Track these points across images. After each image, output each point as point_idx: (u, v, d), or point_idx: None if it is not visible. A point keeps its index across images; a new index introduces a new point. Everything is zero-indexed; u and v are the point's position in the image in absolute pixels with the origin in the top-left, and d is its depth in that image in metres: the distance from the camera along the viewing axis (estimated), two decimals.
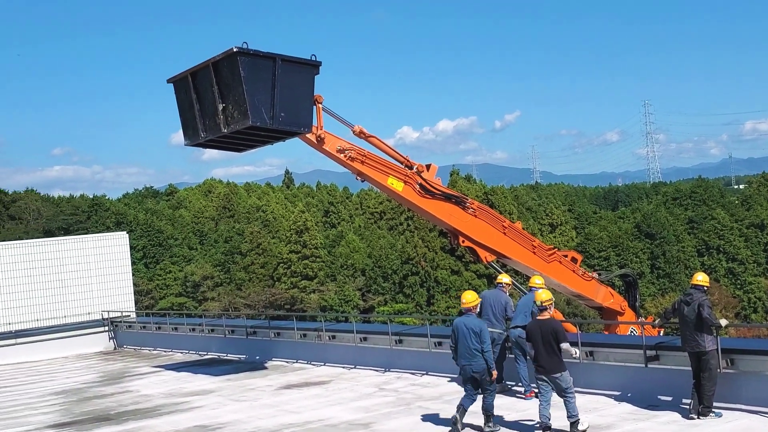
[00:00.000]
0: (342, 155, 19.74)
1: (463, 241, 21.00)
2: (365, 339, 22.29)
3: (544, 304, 13.79)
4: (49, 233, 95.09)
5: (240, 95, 17.56)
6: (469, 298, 14.36)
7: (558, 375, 13.29)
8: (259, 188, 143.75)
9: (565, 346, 13.33)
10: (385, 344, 21.41)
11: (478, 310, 14.60)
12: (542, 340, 13.39)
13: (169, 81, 19.56)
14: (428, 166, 20.71)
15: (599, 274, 24.18)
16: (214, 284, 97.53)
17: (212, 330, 28.38)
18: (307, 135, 19.32)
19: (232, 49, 17.40)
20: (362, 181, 20.71)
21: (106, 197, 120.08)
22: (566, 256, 23.28)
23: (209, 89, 18.23)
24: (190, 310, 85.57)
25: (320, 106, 19.40)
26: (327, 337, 23.46)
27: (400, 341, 21.14)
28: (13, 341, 31.56)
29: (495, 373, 14.00)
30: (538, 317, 13.90)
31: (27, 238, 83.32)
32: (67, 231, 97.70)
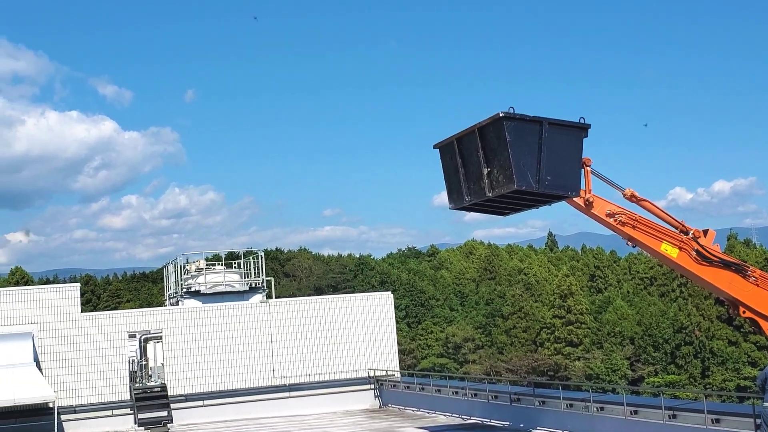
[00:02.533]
0: (611, 219, 19.10)
1: (743, 312, 19.52)
2: (635, 412, 21.21)
3: None
4: (319, 290, 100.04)
5: (505, 159, 17.50)
6: None
7: None
8: (521, 250, 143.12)
9: None
10: (657, 419, 20.24)
11: None
12: None
13: (435, 147, 19.95)
14: (705, 232, 19.54)
15: None
16: (475, 346, 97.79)
17: (475, 394, 28.23)
18: (575, 199, 18.89)
19: (498, 114, 17.43)
20: (633, 246, 19.92)
21: (371, 257, 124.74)
22: None
23: (474, 154, 18.35)
24: (452, 372, 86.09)
25: (588, 168, 18.93)
26: (595, 409, 22.57)
27: (674, 416, 19.90)
28: (286, 394, 33.17)
29: None
30: None
31: (300, 295, 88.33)
32: (335, 288, 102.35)
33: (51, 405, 28.48)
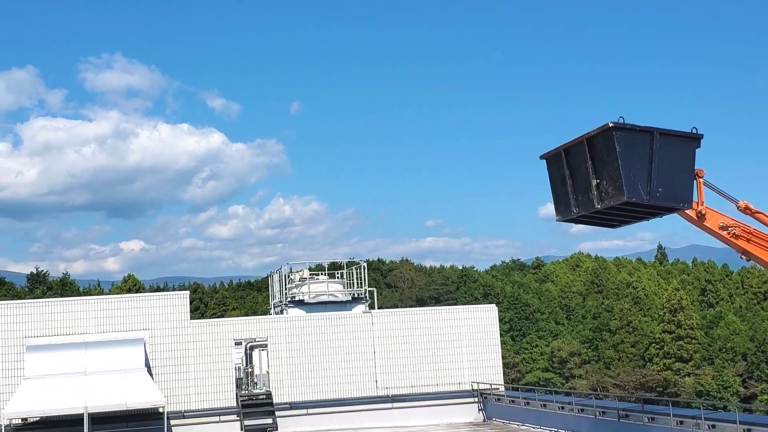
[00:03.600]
0: (725, 232, 18.47)
1: None
2: (749, 431, 20.36)
3: None
4: (421, 302, 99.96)
5: (615, 170, 17.09)
6: None
7: None
8: (629, 263, 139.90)
9: None
10: None
11: None
12: None
13: (542, 157, 19.63)
14: None
15: None
16: (581, 361, 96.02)
17: (582, 410, 27.64)
18: (687, 211, 18.31)
19: (608, 124, 17.05)
20: (746, 260, 19.19)
21: (474, 268, 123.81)
22: None
23: (583, 165, 17.97)
24: (557, 387, 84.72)
25: (701, 180, 18.34)
26: (706, 426, 21.76)
27: None
28: (389, 405, 33.17)
29: None
30: None
31: (401, 306, 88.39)
32: (437, 300, 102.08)
33: (161, 410, 29.22)
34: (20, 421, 29.54)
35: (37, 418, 29.42)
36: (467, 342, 34.53)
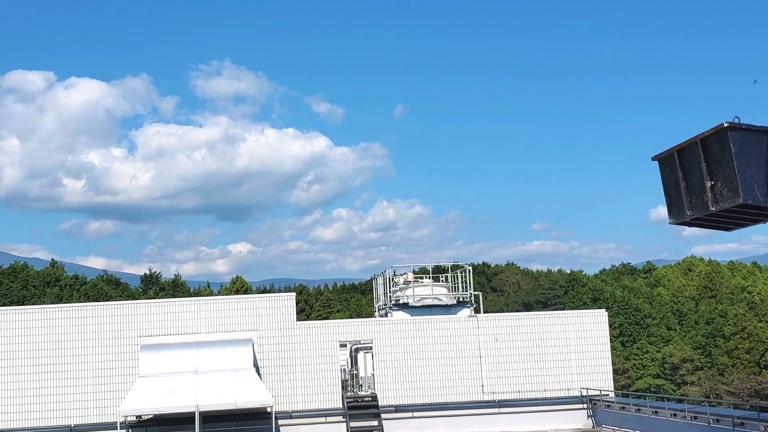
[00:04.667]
0: None
1: None
2: None
3: None
4: (527, 306, 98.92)
5: (730, 172, 16.53)
6: None
7: None
8: (744, 267, 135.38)
9: None
10: None
11: None
12: None
13: (654, 158, 19.14)
14: None
15: None
16: (693, 368, 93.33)
17: (695, 417, 26.78)
18: None
19: (723, 124, 16.51)
20: None
21: (583, 273, 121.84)
22: None
23: (696, 166, 17.45)
24: (668, 393, 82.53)
25: None
26: None
27: None
28: (496, 410, 32.87)
29: None
30: None
31: (507, 310, 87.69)
32: (544, 305, 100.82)
33: (269, 410, 29.70)
34: (135, 418, 30.50)
35: (151, 416, 30.31)
36: (576, 347, 33.95)
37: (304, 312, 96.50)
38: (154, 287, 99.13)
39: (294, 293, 35.10)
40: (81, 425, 30.77)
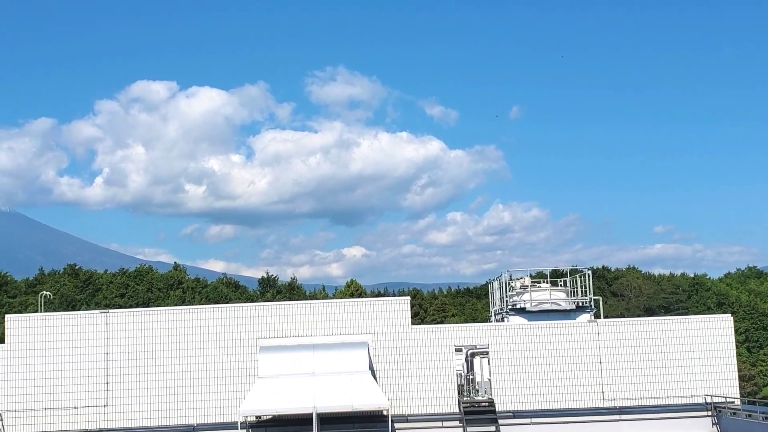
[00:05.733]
0: None
1: None
2: None
3: None
4: (649, 311, 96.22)
5: None
6: None
7: None
8: None
9: None
10: None
11: None
12: None
13: None
14: None
15: None
16: None
17: None
18: None
19: None
20: None
21: (707, 276, 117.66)
22: None
23: None
24: None
25: None
26: None
27: None
28: (617, 417, 32.03)
29: None
30: None
31: (628, 316, 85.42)
32: (667, 309, 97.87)
33: (385, 413, 29.73)
34: (254, 419, 31.02)
35: (270, 416, 30.76)
36: (700, 353, 32.77)
37: (419, 316, 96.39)
38: (271, 290, 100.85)
39: (408, 297, 35.05)
40: (203, 424, 31.51)
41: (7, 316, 33.43)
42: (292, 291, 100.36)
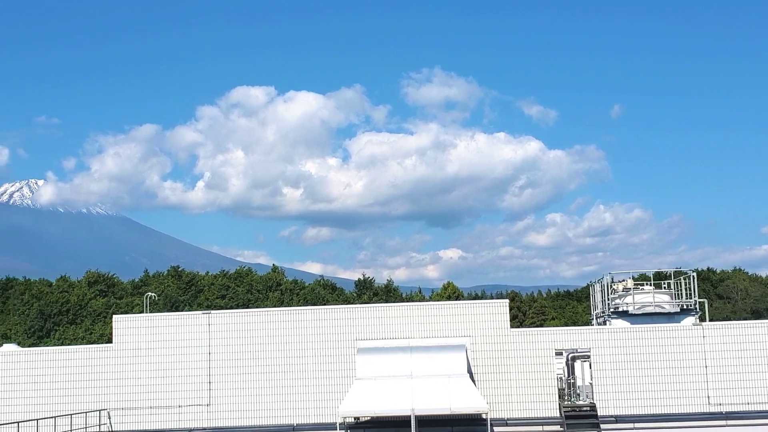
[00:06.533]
0: None
1: None
2: None
3: None
4: (756, 314, 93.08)
5: None
6: None
7: None
8: None
9: None
10: None
11: None
12: None
13: None
14: None
15: None
16: None
17: None
18: None
19: None
20: None
21: None
22: None
23: None
24: None
25: None
26: None
27: None
28: (723, 422, 31.03)
29: None
30: None
31: (734, 319, 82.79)
32: None
33: (484, 416, 29.49)
34: (352, 420, 31.17)
35: (368, 417, 30.86)
36: None
37: (517, 319, 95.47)
38: (367, 292, 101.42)
39: (507, 300, 34.71)
40: (302, 424, 31.85)
41: (114, 316, 34.49)
42: (389, 293, 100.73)
